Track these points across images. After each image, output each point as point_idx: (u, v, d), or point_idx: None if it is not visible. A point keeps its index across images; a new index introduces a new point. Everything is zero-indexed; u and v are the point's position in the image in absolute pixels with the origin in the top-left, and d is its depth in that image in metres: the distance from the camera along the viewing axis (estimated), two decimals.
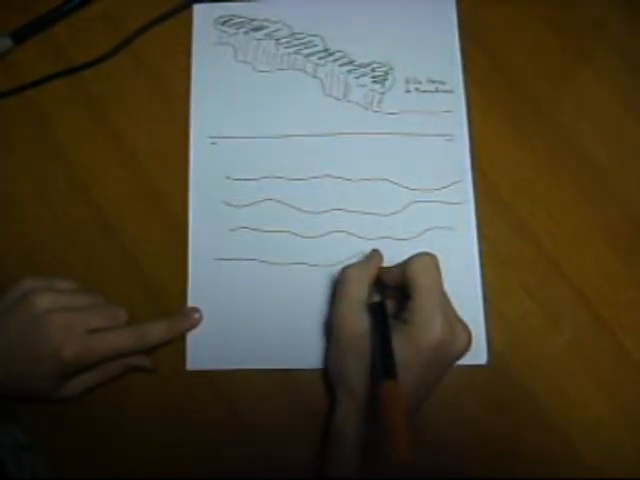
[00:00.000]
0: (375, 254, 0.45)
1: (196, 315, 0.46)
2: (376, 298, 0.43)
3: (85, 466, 0.45)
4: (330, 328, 0.44)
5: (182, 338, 0.47)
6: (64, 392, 0.43)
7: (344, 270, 0.43)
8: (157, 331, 0.44)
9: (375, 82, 0.51)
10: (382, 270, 0.44)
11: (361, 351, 0.40)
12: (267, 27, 0.53)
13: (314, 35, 0.52)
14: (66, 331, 0.41)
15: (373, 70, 0.52)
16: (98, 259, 0.48)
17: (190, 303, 0.47)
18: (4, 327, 0.41)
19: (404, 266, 0.42)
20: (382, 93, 0.51)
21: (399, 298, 0.44)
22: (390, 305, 0.44)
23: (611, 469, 0.45)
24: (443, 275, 0.46)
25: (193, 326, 0.46)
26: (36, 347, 0.40)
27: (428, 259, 0.41)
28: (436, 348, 0.39)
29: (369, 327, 0.41)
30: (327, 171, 0.49)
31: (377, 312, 0.41)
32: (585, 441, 0.45)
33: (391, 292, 0.44)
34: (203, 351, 0.46)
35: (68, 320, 0.41)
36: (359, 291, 0.42)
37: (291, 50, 0.52)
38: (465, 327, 0.41)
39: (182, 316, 0.46)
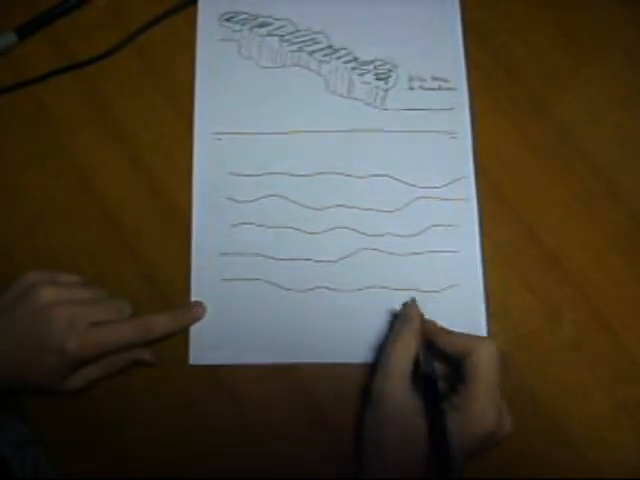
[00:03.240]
0: (413, 309, 0.43)
1: (199, 309, 0.47)
2: (424, 365, 0.41)
3: (87, 461, 0.45)
4: (370, 392, 0.41)
5: (185, 333, 0.47)
6: (67, 385, 0.43)
7: (393, 339, 0.42)
8: (161, 324, 0.44)
9: (379, 79, 0.52)
10: (435, 329, 0.43)
11: (404, 430, 0.39)
12: (272, 24, 0.53)
13: (318, 32, 0.53)
14: (70, 324, 0.41)
15: (377, 67, 0.52)
16: (102, 253, 0.48)
17: (193, 298, 0.47)
18: (8, 320, 0.41)
19: (468, 346, 0.40)
20: (386, 90, 0.51)
21: (446, 366, 0.43)
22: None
23: (612, 467, 0.45)
24: (446, 273, 0.47)
25: (196, 319, 0.46)
26: (40, 340, 0.41)
27: (494, 350, 0.41)
28: (485, 438, 0.39)
29: (416, 405, 0.39)
30: (330, 167, 0.50)
31: (429, 391, 0.40)
32: (586, 438, 0.45)
33: (435, 354, 0.42)
34: (206, 346, 0.46)
35: (72, 313, 0.41)
36: (406, 365, 0.40)
37: (295, 47, 0.52)
38: (509, 415, 0.41)
39: (186, 309, 0.46)
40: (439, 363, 0.43)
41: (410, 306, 0.44)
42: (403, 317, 0.44)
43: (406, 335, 0.42)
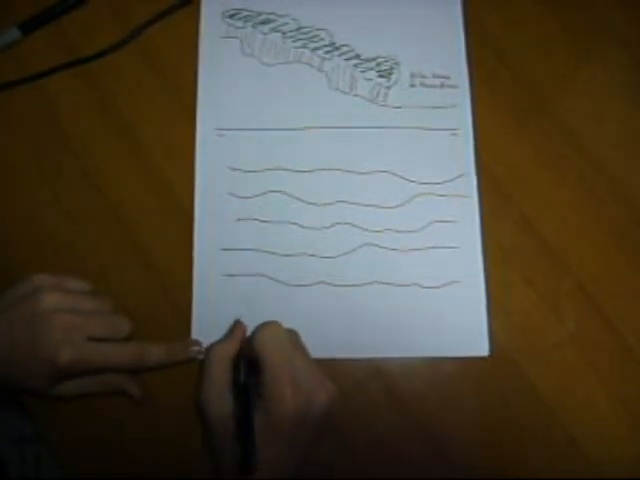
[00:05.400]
0: (237, 325, 0.45)
1: (196, 348, 0.46)
2: (241, 376, 0.42)
3: (89, 459, 0.45)
4: (198, 409, 0.42)
5: (186, 327, 0.47)
6: (58, 392, 0.43)
7: (208, 350, 0.43)
8: (155, 354, 0.44)
9: (381, 76, 0.52)
10: (245, 343, 0.44)
11: (226, 434, 0.40)
12: (274, 21, 0.53)
13: (321, 29, 0.53)
14: (65, 334, 0.40)
15: (379, 64, 0.52)
16: (105, 248, 0.48)
17: (195, 292, 0.47)
18: (7, 321, 0.41)
19: (251, 339, 0.42)
20: (388, 87, 0.52)
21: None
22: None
23: (612, 462, 0.45)
24: (447, 269, 0.47)
25: (192, 358, 0.45)
26: (34, 345, 0.40)
27: (271, 329, 0.42)
28: (293, 416, 0.39)
29: (232, 408, 0.41)
30: (332, 164, 0.50)
31: (239, 394, 0.41)
32: (585, 434, 0.45)
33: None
34: (207, 340, 0.46)
35: (69, 323, 0.41)
36: (221, 372, 0.42)
37: (298, 44, 0.53)
38: (320, 385, 0.41)
39: (183, 345, 0.46)
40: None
41: (236, 322, 0.46)
42: (228, 331, 0.46)
43: (226, 343, 0.44)
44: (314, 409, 0.40)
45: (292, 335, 0.44)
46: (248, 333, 0.45)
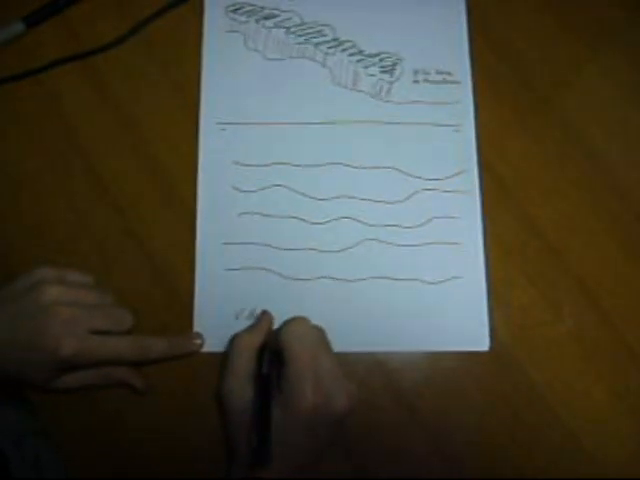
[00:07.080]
0: (264, 316, 0.46)
1: (198, 340, 0.46)
2: (264, 368, 0.42)
3: (89, 452, 0.45)
4: (220, 397, 0.43)
5: (189, 321, 0.47)
6: (59, 384, 0.43)
7: (234, 339, 0.44)
8: (157, 347, 0.44)
9: (384, 72, 0.52)
10: (271, 335, 0.44)
11: (244, 424, 0.40)
12: (278, 16, 0.53)
13: (324, 24, 0.53)
14: (67, 326, 0.41)
15: (382, 60, 0.52)
16: (107, 241, 0.49)
17: (197, 286, 0.47)
18: (10, 314, 0.42)
19: (277, 333, 0.42)
20: (390, 83, 0.52)
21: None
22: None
23: (610, 457, 0.45)
24: (448, 264, 0.47)
25: (194, 350, 0.46)
26: (36, 338, 0.40)
27: (299, 324, 0.42)
28: (311, 413, 0.39)
29: (252, 399, 0.41)
30: (335, 159, 0.50)
31: (260, 385, 0.41)
32: (584, 429, 0.46)
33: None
34: (210, 333, 0.46)
35: (71, 316, 0.41)
36: (246, 362, 0.42)
37: (301, 39, 0.53)
38: (342, 386, 0.41)
39: (184, 338, 0.46)
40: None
41: (263, 314, 0.46)
42: (254, 321, 0.46)
43: (252, 333, 0.44)
44: (333, 409, 0.40)
45: (319, 332, 0.44)
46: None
